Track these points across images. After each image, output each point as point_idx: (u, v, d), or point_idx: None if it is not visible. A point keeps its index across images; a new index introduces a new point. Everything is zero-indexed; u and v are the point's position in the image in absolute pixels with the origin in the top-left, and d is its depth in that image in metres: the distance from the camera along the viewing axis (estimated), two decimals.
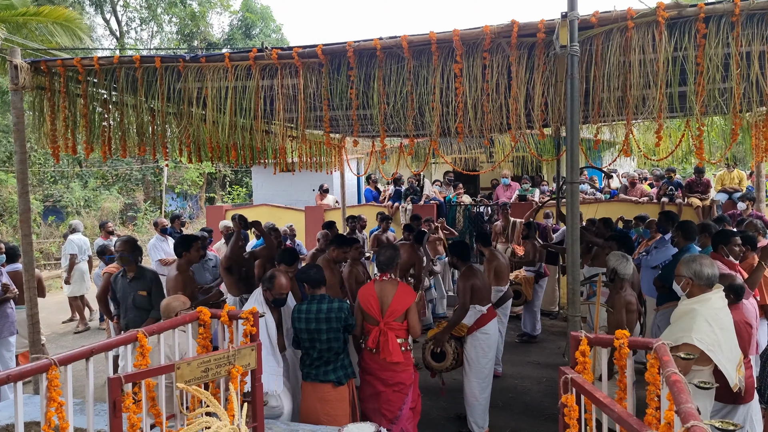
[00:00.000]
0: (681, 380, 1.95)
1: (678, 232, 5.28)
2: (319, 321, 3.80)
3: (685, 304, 3.32)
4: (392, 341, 3.95)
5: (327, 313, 3.80)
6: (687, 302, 3.32)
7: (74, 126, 4.43)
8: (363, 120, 5.03)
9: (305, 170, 7.87)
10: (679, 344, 3.09)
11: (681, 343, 3.09)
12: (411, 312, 4.02)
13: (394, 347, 3.94)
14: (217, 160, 5.50)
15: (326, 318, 3.79)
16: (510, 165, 13.49)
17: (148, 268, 5.32)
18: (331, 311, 3.80)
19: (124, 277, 5.07)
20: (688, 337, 3.08)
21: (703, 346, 3.05)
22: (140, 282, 5.03)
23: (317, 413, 3.80)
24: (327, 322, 3.77)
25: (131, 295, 4.98)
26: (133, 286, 5.01)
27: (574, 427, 2.37)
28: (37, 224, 17.20)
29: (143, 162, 21.48)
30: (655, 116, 3.40)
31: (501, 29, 3.39)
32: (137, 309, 4.98)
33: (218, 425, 2.13)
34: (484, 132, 3.64)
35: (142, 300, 4.98)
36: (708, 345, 3.06)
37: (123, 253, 5.01)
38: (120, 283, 5.10)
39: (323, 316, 3.80)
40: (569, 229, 3.34)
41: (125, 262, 5.04)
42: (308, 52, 3.79)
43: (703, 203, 8.99)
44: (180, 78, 4.09)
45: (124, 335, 2.52)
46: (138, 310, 4.98)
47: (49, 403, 2.05)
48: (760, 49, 3.12)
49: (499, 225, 9.05)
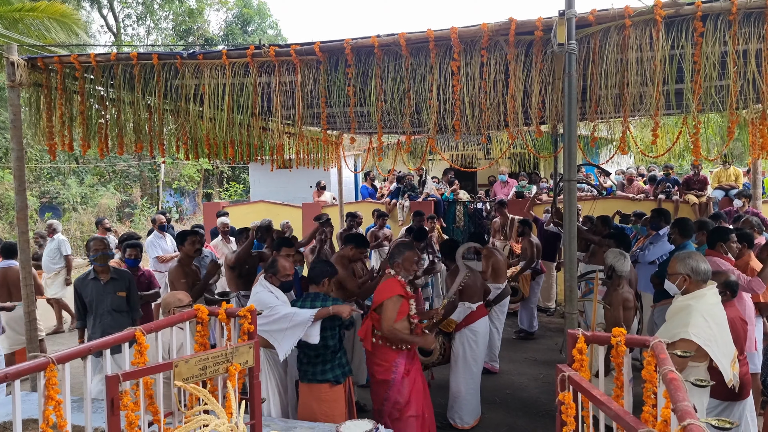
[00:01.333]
0: (678, 378, 1.96)
1: (675, 229, 5.30)
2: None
3: (680, 301, 3.34)
4: (367, 329, 4.05)
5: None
6: (682, 298, 3.34)
7: (71, 123, 4.42)
8: (360, 117, 5.03)
9: (302, 167, 7.85)
10: (676, 340, 3.11)
11: (678, 338, 3.11)
12: (384, 306, 3.93)
13: (366, 335, 4.04)
14: (214, 157, 5.49)
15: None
16: (508, 162, 13.50)
17: (121, 268, 5.11)
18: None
19: (96, 280, 4.70)
20: (685, 333, 3.09)
21: (700, 341, 3.06)
22: (118, 283, 4.77)
23: (314, 413, 3.80)
24: (321, 320, 3.77)
25: (108, 299, 4.67)
26: (109, 288, 4.71)
27: (571, 424, 2.38)
28: (34, 221, 17.14)
29: (140, 158, 21.43)
30: (652, 114, 3.41)
31: (499, 27, 3.39)
32: (115, 313, 4.69)
33: (216, 423, 2.14)
34: (481, 129, 3.65)
35: (120, 302, 4.72)
36: (705, 340, 3.08)
37: (104, 252, 4.69)
38: (91, 287, 4.69)
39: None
40: (566, 225, 3.35)
41: (105, 260, 4.72)
42: (306, 50, 3.78)
43: (699, 200, 9.01)
44: (177, 75, 4.08)
45: (122, 333, 2.51)
46: (115, 314, 4.69)
47: (47, 401, 2.05)
48: (757, 47, 3.13)
49: (497, 222, 9.06)
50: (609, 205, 9.17)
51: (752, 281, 4.26)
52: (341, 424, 3.37)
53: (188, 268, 5.13)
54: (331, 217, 7.71)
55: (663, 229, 5.95)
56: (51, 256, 8.51)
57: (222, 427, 2.12)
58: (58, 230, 8.69)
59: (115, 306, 4.71)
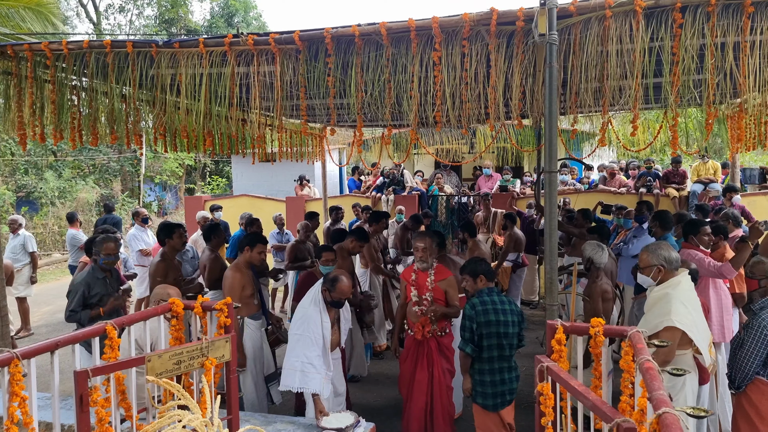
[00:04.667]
0: (654, 367, 1.96)
1: (655, 222, 5.36)
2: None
3: (656, 290, 3.36)
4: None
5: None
6: (658, 288, 3.37)
7: (41, 113, 4.29)
8: (340, 109, 4.97)
9: (285, 160, 7.77)
10: (660, 330, 3.12)
11: (662, 328, 3.12)
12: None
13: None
14: (193, 149, 5.39)
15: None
16: (492, 156, 13.53)
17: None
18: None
19: (104, 279, 4.56)
20: (669, 321, 3.11)
21: (684, 328, 3.09)
22: (117, 282, 4.75)
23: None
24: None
25: (111, 297, 4.58)
26: (113, 287, 4.65)
27: (549, 414, 2.38)
28: (9, 215, 16.78)
29: (121, 152, 21.08)
30: (631, 106, 3.41)
31: (480, 17, 3.35)
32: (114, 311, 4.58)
33: (189, 418, 2.09)
34: (462, 121, 3.62)
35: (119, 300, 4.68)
36: (688, 326, 3.11)
37: (117, 256, 4.65)
38: (100, 284, 4.51)
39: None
40: (547, 218, 3.34)
41: (114, 263, 4.68)
42: (285, 38, 3.71)
43: (679, 194, 9.13)
44: (153, 64, 3.98)
45: (92, 327, 2.45)
46: (113, 313, 4.53)
47: (11, 398, 1.98)
48: (735, 40, 3.14)
49: (480, 215, 9.08)
50: (591, 199, 9.23)
51: (723, 266, 4.33)
52: (322, 418, 3.34)
53: (172, 262, 5.03)
54: (317, 212, 7.71)
55: (647, 223, 6.01)
56: (15, 252, 8.16)
57: (195, 422, 2.07)
58: (23, 226, 8.45)
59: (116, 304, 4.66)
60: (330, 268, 4.47)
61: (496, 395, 3.60)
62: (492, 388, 3.60)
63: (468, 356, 3.64)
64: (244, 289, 4.47)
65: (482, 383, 3.63)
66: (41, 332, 8.34)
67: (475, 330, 3.59)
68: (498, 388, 3.61)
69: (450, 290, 4.31)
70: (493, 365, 3.60)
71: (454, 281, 4.34)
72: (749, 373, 3.28)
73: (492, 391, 3.60)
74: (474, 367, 3.67)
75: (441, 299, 4.30)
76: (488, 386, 3.61)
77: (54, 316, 9.33)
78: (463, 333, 3.65)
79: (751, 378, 3.29)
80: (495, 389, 3.60)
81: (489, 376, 3.61)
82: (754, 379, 3.30)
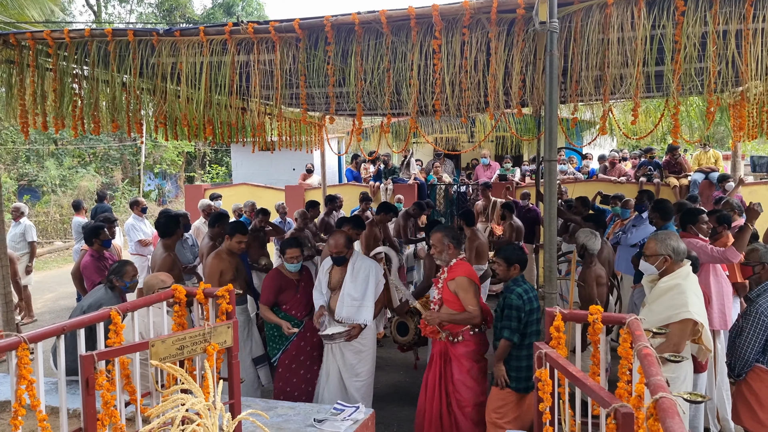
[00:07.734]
0: (652, 353, 1.98)
1: (656, 212, 5.35)
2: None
3: (665, 281, 3.32)
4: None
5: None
6: (667, 278, 3.33)
7: (43, 101, 4.30)
8: (340, 98, 4.97)
9: (285, 149, 7.76)
10: (674, 321, 3.12)
11: (677, 320, 3.12)
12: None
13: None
14: (193, 137, 5.40)
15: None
16: (491, 145, 13.50)
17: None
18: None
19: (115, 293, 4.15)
20: (687, 313, 3.10)
21: (701, 319, 3.10)
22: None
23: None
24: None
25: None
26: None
27: (547, 400, 2.41)
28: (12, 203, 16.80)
29: (121, 141, 21.04)
30: (633, 95, 3.41)
31: (480, 5, 3.34)
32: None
33: (193, 402, 2.12)
34: (461, 110, 3.62)
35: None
36: (703, 318, 3.13)
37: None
38: (113, 298, 4.05)
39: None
40: (546, 206, 3.36)
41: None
42: (285, 26, 3.70)
43: (680, 182, 9.12)
44: (154, 52, 3.98)
45: (98, 312, 2.48)
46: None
47: (19, 381, 2.02)
48: (737, 28, 3.13)
49: (479, 205, 9.09)
50: (591, 188, 9.24)
51: (727, 251, 4.27)
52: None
53: (175, 253, 5.05)
54: (318, 201, 7.73)
55: (646, 212, 6.00)
56: (15, 240, 8.09)
57: (198, 405, 2.10)
58: (25, 214, 8.39)
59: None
60: (297, 266, 4.48)
61: (529, 378, 3.70)
62: (527, 372, 3.71)
63: (511, 345, 3.70)
64: (223, 275, 4.54)
65: (518, 369, 3.73)
66: (45, 319, 8.40)
67: (522, 319, 3.65)
68: (531, 372, 3.68)
69: (461, 292, 3.83)
70: (531, 351, 3.64)
71: (466, 283, 3.84)
72: (749, 360, 3.30)
73: (526, 375, 3.72)
74: (511, 354, 3.73)
75: (451, 300, 3.87)
76: (524, 371, 3.72)
77: (57, 303, 9.39)
78: (510, 323, 3.66)
79: (750, 365, 3.32)
80: (529, 373, 3.69)
81: (526, 361, 3.70)
82: (754, 367, 3.32)
